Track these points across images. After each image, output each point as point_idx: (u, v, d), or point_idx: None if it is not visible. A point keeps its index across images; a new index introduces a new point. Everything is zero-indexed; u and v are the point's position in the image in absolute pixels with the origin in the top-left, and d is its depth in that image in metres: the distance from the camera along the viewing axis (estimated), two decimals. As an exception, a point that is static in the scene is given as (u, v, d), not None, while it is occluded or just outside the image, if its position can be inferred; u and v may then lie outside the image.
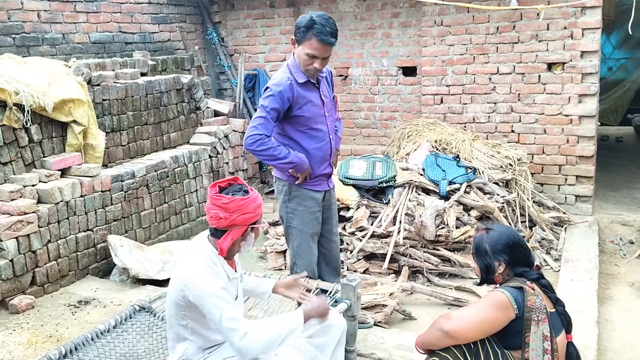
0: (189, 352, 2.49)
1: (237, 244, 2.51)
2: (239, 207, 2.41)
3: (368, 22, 6.98)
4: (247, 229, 2.49)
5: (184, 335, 2.49)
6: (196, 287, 2.34)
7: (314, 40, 3.26)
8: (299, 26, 3.30)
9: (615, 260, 5.21)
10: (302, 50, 3.33)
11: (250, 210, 2.43)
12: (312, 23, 3.24)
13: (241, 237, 2.50)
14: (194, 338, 2.48)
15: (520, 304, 2.43)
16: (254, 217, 2.46)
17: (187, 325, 2.47)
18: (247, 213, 2.43)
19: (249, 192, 2.48)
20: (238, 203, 2.40)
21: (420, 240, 4.85)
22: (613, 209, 6.16)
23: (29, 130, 4.68)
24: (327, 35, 3.24)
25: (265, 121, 3.35)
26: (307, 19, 3.27)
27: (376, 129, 7.22)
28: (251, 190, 2.50)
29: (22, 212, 4.31)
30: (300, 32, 3.30)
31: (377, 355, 3.48)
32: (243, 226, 2.45)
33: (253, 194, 2.47)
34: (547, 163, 6.15)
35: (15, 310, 4.19)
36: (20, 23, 5.62)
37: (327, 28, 3.24)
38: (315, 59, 3.32)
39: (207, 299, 2.32)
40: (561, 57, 5.86)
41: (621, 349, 3.78)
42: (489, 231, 2.68)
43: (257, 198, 2.48)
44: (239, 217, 2.42)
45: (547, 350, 2.41)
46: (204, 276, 2.36)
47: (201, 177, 6.21)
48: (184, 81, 6.33)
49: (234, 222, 2.42)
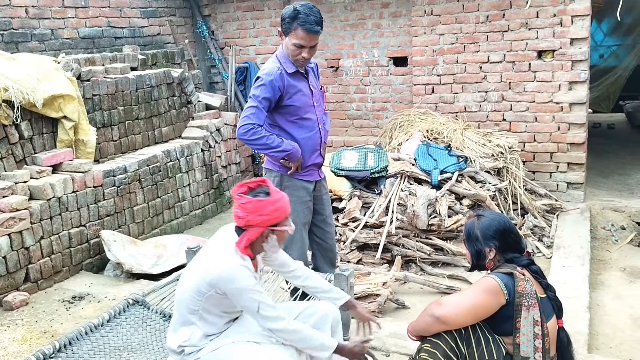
0: (194, 337, 2.52)
1: (257, 244, 2.53)
2: (255, 208, 2.42)
3: (358, 13, 6.97)
4: (266, 231, 2.49)
5: (192, 320, 2.52)
6: (235, 282, 2.41)
7: (299, 30, 3.29)
8: (283, 17, 3.34)
9: (607, 246, 5.25)
10: (289, 40, 3.35)
11: (267, 213, 2.44)
12: (296, 13, 3.28)
13: (261, 238, 2.51)
14: (201, 324, 2.52)
15: (510, 289, 2.46)
16: (271, 219, 2.46)
17: (198, 311, 2.51)
18: (264, 215, 2.43)
19: (269, 194, 2.48)
20: (255, 204, 2.43)
21: (413, 230, 4.87)
22: (605, 195, 6.19)
23: (19, 126, 4.66)
24: (312, 24, 3.27)
25: (257, 110, 3.37)
26: (291, 10, 3.30)
27: (368, 119, 7.22)
28: (276, 193, 2.50)
29: (14, 208, 4.30)
30: (285, 24, 3.34)
31: (370, 344, 3.49)
32: (260, 227, 2.46)
33: (273, 197, 2.47)
34: (539, 151, 6.17)
35: (9, 307, 4.19)
36: (8, 19, 5.59)
37: (311, 17, 3.27)
38: (302, 49, 3.35)
39: (245, 294, 2.41)
40: (551, 44, 5.87)
41: (612, 333, 3.82)
42: (480, 217, 2.70)
43: (278, 201, 2.48)
44: (255, 218, 2.43)
45: (538, 335, 2.43)
46: (242, 273, 2.43)
47: (194, 171, 6.20)
48: (174, 75, 6.31)
49: (250, 222, 2.44)
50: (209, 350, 2.52)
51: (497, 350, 2.45)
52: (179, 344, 2.53)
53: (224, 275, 2.42)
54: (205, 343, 2.54)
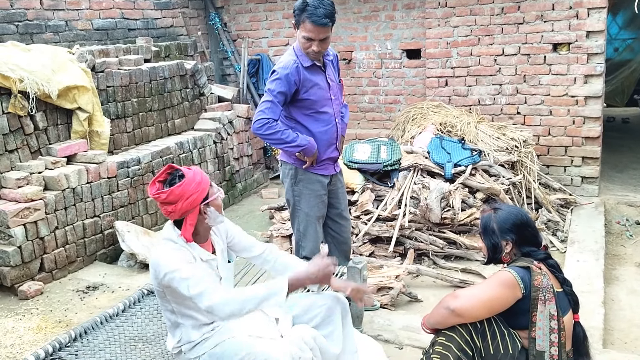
0: (185, 334, 2.49)
1: (200, 225, 2.46)
2: (178, 195, 2.34)
3: (372, 5, 6.93)
4: (200, 208, 2.40)
5: (176, 321, 2.49)
6: (161, 269, 2.33)
7: (307, 22, 3.26)
8: (294, 10, 3.32)
9: (622, 241, 5.21)
10: (300, 33, 3.34)
11: (192, 192, 2.35)
12: (304, 5, 3.25)
13: (201, 217, 2.43)
14: (184, 320, 2.48)
15: (527, 283, 2.44)
16: (199, 195, 2.38)
17: (174, 310, 2.46)
18: (191, 196, 2.35)
19: (184, 175, 2.38)
20: (175, 192, 2.34)
21: (426, 223, 4.85)
22: (619, 190, 6.14)
23: (34, 117, 4.69)
24: (320, 17, 3.23)
25: (273, 105, 3.36)
26: (300, 2, 3.28)
27: (380, 112, 7.20)
28: (188, 170, 2.41)
29: (29, 199, 4.34)
30: (296, 16, 3.32)
31: (383, 336, 3.50)
32: (194, 208, 2.38)
33: (188, 175, 2.38)
34: (553, 144, 6.13)
35: (25, 296, 4.23)
36: (23, 10, 5.61)
37: (319, 10, 3.22)
38: (312, 42, 3.32)
39: (174, 275, 2.31)
40: (567, 37, 5.81)
41: (627, 328, 3.79)
42: (497, 211, 2.67)
43: (194, 177, 2.38)
44: (185, 204, 2.35)
45: (554, 330, 2.42)
46: (166, 256, 2.36)
47: (206, 163, 6.21)
48: (187, 67, 6.32)
49: (183, 209, 2.36)
50: (209, 346, 2.49)
51: (513, 344, 2.44)
52: (173, 346, 2.53)
53: (154, 269, 2.38)
54: (200, 335, 2.49)
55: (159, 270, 2.35)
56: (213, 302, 2.28)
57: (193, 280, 2.30)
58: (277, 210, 5.65)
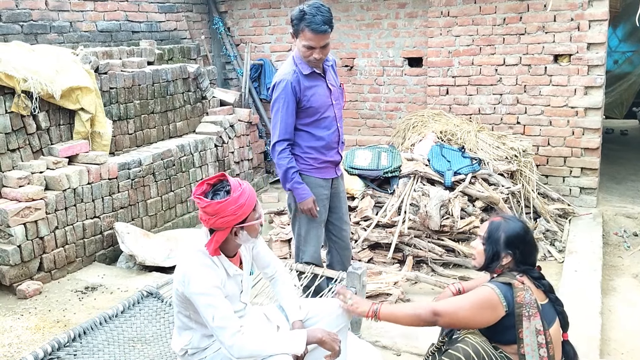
0: (195, 340, 2.50)
1: (229, 243, 2.41)
2: (216, 211, 2.27)
3: (374, 12, 6.97)
4: (234, 229, 2.33)
5: (189, 325, 2.50)
6: (190, 285, 2.31)
7: (307, 31, 3.26)
8: (292, 19, 3.32)
9: (619, 252, 5.23)
10: (300, 42, 3.34)
11: (230, 213, 2.27)
12: (302, 14, 3.25)
13: (231, 237, 2.37)
14: (197, 327, 2.48)
15: (509, 300, 2.40)
16: (236, 219, 2.30)
17: (190, 316, 2.47)
18: (227, 216, 2.28)
19: (230, 192, 2.29)
20: (214, 207, 2.27)
21: (425, 230, 4.87)
22: (617, 201, 6.16)
23: (36, 117, 4.70)
24: (319, 24, 3.23)
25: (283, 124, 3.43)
26: (298, 11, 3.28)
27: (381, 119, 7.23)
28: (237, 187, 2.31)
29: (30, 198, 4.35)
30: (294, 25, 3.32)
31: (381, 342, 3.51)
32: (227, 228, 2.31)
33: (234, 195, 2.28)
34: (552, 155, 6.16)
35: (23, 296, 4.24)
36: (28, 11, 5.63)
37: (318, 17, 3.22)
38: (313, 50, 3.33)
39: (200, 298, 2.29)
40: (567, 48, 5.85)
41: (624, 338, 3.80)
42: (507, 221, 2.59)
43: (239, 198, 2.29)
44: (219, 221, 2.28)
45: (542, 344, 2.38)
46: (199, 274, 2.31)
47: (207, 166, 6.23)
48: (190, 70, 6.34)
49: (215, 225, 2.31)
50: (212, 350, 2.50)
51: None
52: (181, 347, 2.53)
53: (180, 279, 2.35)
54: (207, 343, 2.50)
55: (188, 285, 2.32)
56: (234, 343, 2.29)
57: (219, 312, 2.29)
58: (276, 214, 5.67)
